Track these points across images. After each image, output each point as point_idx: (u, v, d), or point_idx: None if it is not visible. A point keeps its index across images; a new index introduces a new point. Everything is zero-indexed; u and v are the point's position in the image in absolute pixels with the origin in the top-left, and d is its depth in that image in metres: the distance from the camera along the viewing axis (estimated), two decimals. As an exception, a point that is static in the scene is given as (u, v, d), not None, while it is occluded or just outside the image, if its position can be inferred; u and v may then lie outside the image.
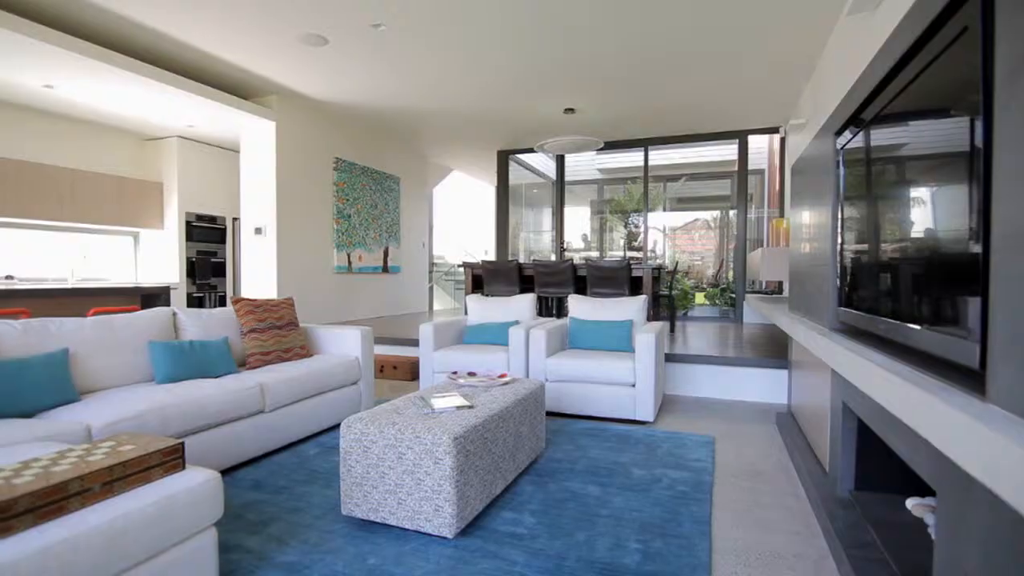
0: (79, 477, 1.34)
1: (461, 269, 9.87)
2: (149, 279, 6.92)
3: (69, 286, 4.76)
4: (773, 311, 3.32)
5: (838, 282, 2.22)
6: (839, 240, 2.22)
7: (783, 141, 6.78)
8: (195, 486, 1.54)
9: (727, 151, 7.78)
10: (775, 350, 4.60)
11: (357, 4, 3.77)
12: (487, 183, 10.58)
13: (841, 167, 2.22)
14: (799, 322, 2.56)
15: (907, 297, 1.49)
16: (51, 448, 1.70)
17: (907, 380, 1.12)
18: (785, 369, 4.10)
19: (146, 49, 4.50)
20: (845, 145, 2.17)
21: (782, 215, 6.75)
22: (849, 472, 2.17)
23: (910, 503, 1.89)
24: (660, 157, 8.42)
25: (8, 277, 5.51)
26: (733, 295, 7.63)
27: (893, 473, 2.05)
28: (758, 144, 7.95)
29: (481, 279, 6.36)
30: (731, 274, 8.24)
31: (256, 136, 5.88)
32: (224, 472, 2.62)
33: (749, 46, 4.43)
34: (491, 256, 8.94)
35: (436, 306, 10.29)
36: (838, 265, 2.22)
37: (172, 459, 1.57)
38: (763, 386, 4.21)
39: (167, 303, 5.21)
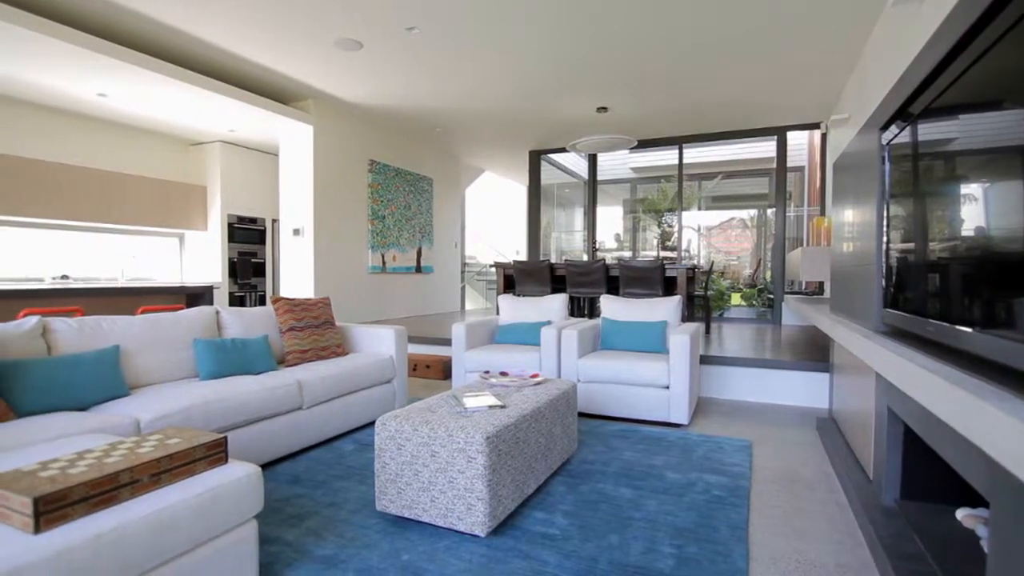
0: (129, 468, 1.40)
1: (493, 269, 9.90)
2: (193, 279, 7.17)
3: (119, 285, 4.97)
4: (813, 312, 3.22)
5: (883, 283, 2.14)
6: (884, 239, 2.14)
7: (824, 137, 6.57)
8: (237, 479, 1.59)
9: (765, 148, 7.59)
10: (815, 352, 4.46)
11: (392, 9, 3.82)
12: (519, 183, 10.59)
13: (887, 163, 2.14)
14: (841, 324, 2.47)
15: (958, 298, 1.42)
16: (103, 440, 1.78)
17: (957, 384, 1.08)
18: (826, 372, 3.98)
19: (192, 57, 4.67)
20: (891, 140, 2.09)
21: (823, 213, 6.55)
22: (894, 480, 2.09)
23: (960, 514, 1.81)
24: (695, 155, 8.27)
25: (64, 277, 5.81)
26: (771, 296, 7.44)
27: (942, 482, 1.96)
28: (797, 140, 7.74)
29: (513, 279, 6.37)
30: (769, 274, 8.04)
31: (294, 140, 6.03)
32: (264, 466, 2.70)
33: (789, 39, 4.31)
34: (523, 256, 8.94)
35: (468, 306, 10.36)
36: (883, 265, 2.14)
37: (215, 453, 1.63)
38: (803, 390, 4.09)
39: (210, 302, 5.40)
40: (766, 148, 7.48)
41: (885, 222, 2.13)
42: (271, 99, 5.60)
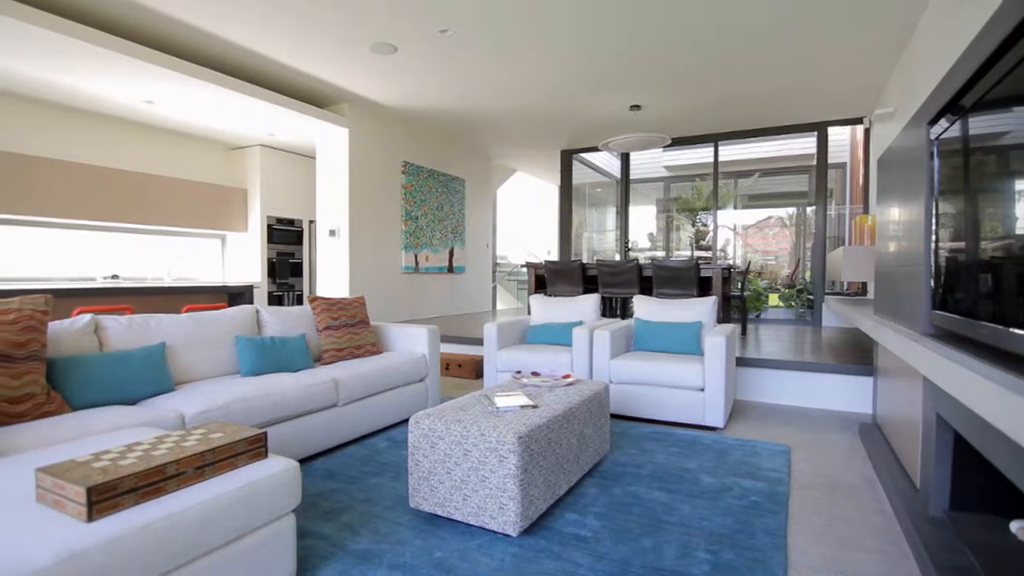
0: (175, 461, 1.45)
1: (524, 269, 9.91)
2: (234, 278, 7.41)
3: (165, 285, 5.18)
4: (856, 314, 3.11)
5: (932, 283, 2.05)
6: (933, 238, 2.05)
7: (867, 132, 6.34)
8: (276, 474, 1.63)
9: (805, 144, 7.38)
10: (858, 355, 4.31)
11: (425, 11, 3.87)
12: (550, 183, 10.56)
13: (935, 159, 2.05)
14: (886, 326, 2.39)
15: (1013, 300, 1.35)
16: (150, 433, 1.85)
17: (1012, 390, 1.02)
18: (869, 376, 3.84)
19: (234, 64, 4.82)
20: (940, 135, 2.00)
21: (866, 211, 6.32)
22: (943, 489, 2.01)
23: (1015, 526, 1.72)
24: (731, 152, 8.10)
25: (114, 276, 6.07)
26: (811, 297, 7.22)
27: (994, 492, 1.87)
28: (839, 136, 7.50)
29: (544, 279, 6.36)
30: (808, 274, 7.81)
31: (330, 143, 6.16)
32: (301, 462, 2.77)
33: (830, 29, 4.18)
34: (554, 256, 8.92)
35: (499, 306, 10.39)
36: (932, 265, 2.05)
37: (256, 448, 1.68)
38: (844, 394, 3.96)
39: (250, 301, 5.56)
40: (806, 144, 7.27)
41: (934, 220, 2.05)
42: (308, 103, 5.74)
